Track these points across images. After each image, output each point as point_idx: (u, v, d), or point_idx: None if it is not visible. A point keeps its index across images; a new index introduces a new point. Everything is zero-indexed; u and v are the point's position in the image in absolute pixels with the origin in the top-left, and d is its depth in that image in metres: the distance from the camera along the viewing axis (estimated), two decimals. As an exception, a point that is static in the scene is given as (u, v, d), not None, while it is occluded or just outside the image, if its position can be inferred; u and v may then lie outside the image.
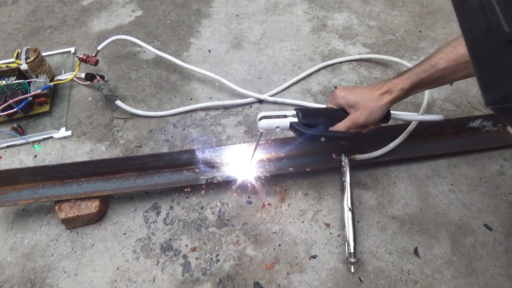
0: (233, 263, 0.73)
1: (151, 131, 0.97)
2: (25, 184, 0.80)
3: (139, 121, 1.00)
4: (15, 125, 0.95)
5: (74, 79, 1.09)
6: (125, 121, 1.00)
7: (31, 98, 0.98)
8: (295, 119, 0.66)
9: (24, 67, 1.00)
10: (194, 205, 0.82)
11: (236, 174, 0.81)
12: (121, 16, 1.35)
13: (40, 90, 0.98)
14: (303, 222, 0.78)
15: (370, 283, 0.69)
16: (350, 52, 1.16)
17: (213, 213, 0.81)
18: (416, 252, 0.73)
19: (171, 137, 0.95)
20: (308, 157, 0.84)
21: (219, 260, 0.74)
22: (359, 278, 0.70)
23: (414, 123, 0.82)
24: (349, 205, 0.74)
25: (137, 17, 1.35)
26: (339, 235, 0.76)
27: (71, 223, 0.78)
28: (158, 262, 0.74)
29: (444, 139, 0.88)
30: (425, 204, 0.80)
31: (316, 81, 1.08)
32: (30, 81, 1.00)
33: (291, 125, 0.66)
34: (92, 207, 0.77)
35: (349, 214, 0.73)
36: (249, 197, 0.82)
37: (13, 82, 0.98)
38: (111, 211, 0.82)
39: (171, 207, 0.82)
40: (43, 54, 1.12)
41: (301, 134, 0.66)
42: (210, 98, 1.05)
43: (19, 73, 1.02)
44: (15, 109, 0.96)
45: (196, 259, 0.74)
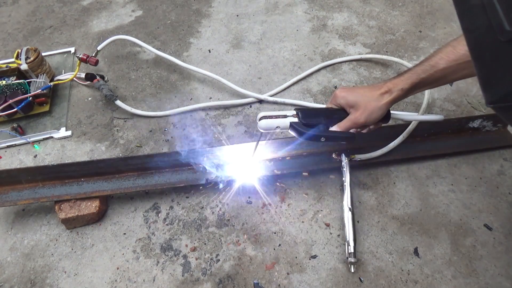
0: (233, 263, 0.73)
1: (151, 131, 0.97)
2: (25, 184, 0.80)
3: (139, 121, 1.00)
4: (15, 125, 0.95)
5: (74, 79, 1.09)
6: (125, 121, 1.00)
7: (31, 98, 0.98)
8: (295, 119, 0.66)
9: (24, 67, 1.00)
10: (194, 205, 0.82)
11: (236, 174, 0.82)
12: (121, 16, 1.35)
13: (40, 90, 0.98)
14: (303, 222, 0.78)
15: (370, 283, 0.69)
16: (350, 52, 1.16)
17: (213, 213, 0.80)
18: (416, 252, 0.73)
19: (171, 137, 0.95)
20: (308, 157, 0.84)
21: (219, 260, 0.74)
22: (359, 278, 0.70)
23: (414, 123, 0.82)
24: (349, 205, 0.74)
25: (137, 17, 1.35)
26: (339, 235, 0.76)
27: (71, 223, 0.78)
28: (158, 262, 0.74)
29: (444, 139, 0.88)
30: (425, 204, 0.80)
31: (316, 81, 1.08)
32: (30, 81, 1.00)
33: (291, 125, 0.66)
34: (92, 207, 0.77)
35: (349, 214, 0.73)
36: (249, 197, 0.82)
37: (13, 82, 0.98)
38: (111, 211, 0.82)
39: (171, 207, 0.82)
40: (43, 54, 1.12)
41: (301, 134, 0.66)
42: (210, 98, 1.05)
43: (19, 73, 1.02)
44: (15, 109, 0.96)
45: (196, 259, 0.74)
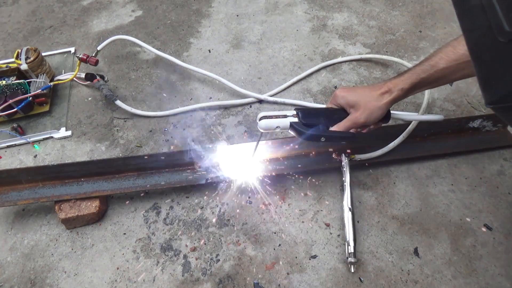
0: (233, 263, 0.73)
1: (151, 131, 0.97)
2: (25, 184, 0.80)
3: (139, 121, 1.00)
4: (15, 125, 0.95)
5: (74, 79, 1.09)
6: (125, 121, 1.00)
7: (31, 98, 0.98)
8: (295, 119, 0.66)
9: (24, 67, 1.00)
10: (194, 205, 0.82)
11: (236, 174, 0.82)
12: (121, 16, 1.35)
13: (40, 90, 0.98)
14: (303, 222, 0.78)
15: (370, 283, 0.69)
16: (350, 52, 1.16)
17: (213, 213, 0.80)
18: (416, 252, 0.73)
19: (171, 137, 0.95)
20: (308, 157, 0.84)
21: (219, 260, 0.73)
22: (359, 278, 0.70)
23: (414, 123, 0.82)
24: (349, 205, 0.74)
25: (137, 17, 1.35)
26: (339, 235, 0.76)
27: (71, 223, 0.78)
28: (158, 262, 0.74)
29: (444, 139, 0.88)
30: (425, 204, 0.80)
31: (316, 81, 1.08)
32: (30, 81, 1.00)
33: (291, 125, 0.66)
34: (92, 207, 0.77)
35: (349, 214, 0.73)
36: (249, 197, 0.82)
37: (13, 82, 0.98)
38: (111, 211, 0.82)
39: (171, 207, 0.82)
40: (43, 54, 1.12)
41: (301, 134, 0.66)
42: (210, 98, 1.05)
43: (19, 73, 1.02)
44: (15, 109, 0.96)
45: (196, 259, 0.74)
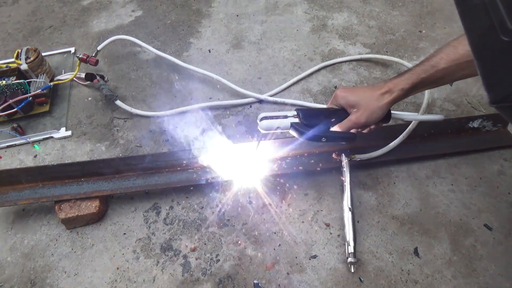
0: (233, 263, 0.73)
1: (151, 131, 0.97)
2: (25, 184, 0.80)
3: (139, 121, 1.00)
4: (15, 125, 0.95)
5: (74, 79, 1.09)
6: (125, 121, 1.00)
7: (31, 98, 0.98)
8: (296, 120, 0.66)
9: (24, 67, 1.00)
10: (194, 205, 0.82)
11: (237, 174, 0.81)
12: (121, 16, 1.35)
13: (40, 90, 0.98)
14: (303, 222, 0.78)
15: (370, 283, 0.69)
16: (350, 52, 1.16)
17: (213, 213, 0.80)
18: (416, 252, 0.73)
19: (171, 137, 0.95)
20: (308, 157, 0.84)
21: (219, 260, 0.73)
22: (359, 278, 0.70)
23: (414, 123, 0.82)
24: (349, 205, 0.74)
25: (137, 17, 1.35)
26: (339, 235, 0.76)
27: (71, 223, 0.78)
28: (158, 262, 0.74)
29: (444, 139, 0.88)
30: (425, 204, 0.80)
31: (316, 81, 1.08)
32: (30, 81, 1.00)
33: (292, 125, 0.66)
34: (92, 207, 0.77)
35: (349, 214, 0.73)
36: (249, 197, 0.82)
37: (13, 82, 0.98)
38: (111, 211, 0.82)
39: (171, 207, 0.82)
40: (43, 54, 1.12)
41: (302, 134, 0.66)
42: (210, 98, 1.05)
43: (19, 73, 1.02)
44: (15, 109, 0.96)
45: (196, 259, 0.74)
